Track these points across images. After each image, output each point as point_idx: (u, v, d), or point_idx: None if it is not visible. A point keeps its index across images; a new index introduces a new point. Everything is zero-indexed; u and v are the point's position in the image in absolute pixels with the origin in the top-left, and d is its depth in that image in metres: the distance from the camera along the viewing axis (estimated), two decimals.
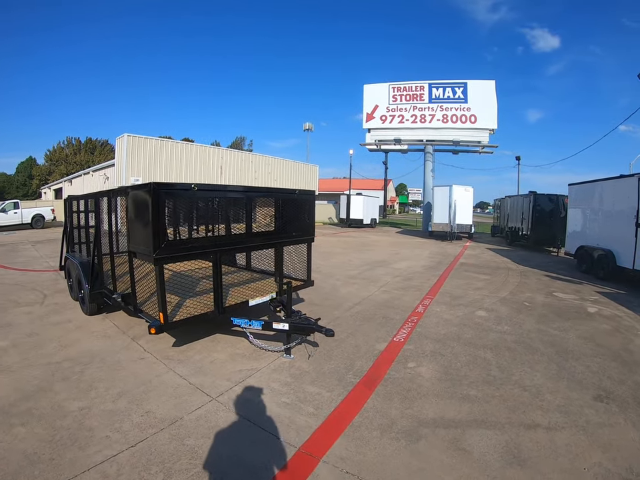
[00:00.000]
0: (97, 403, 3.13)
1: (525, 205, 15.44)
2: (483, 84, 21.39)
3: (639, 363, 4.06)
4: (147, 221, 3.46)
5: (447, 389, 3.52)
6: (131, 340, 4.53)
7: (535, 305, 6.49)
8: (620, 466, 2.47)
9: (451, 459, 2.55)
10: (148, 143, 17.91)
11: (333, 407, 3.18)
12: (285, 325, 4.02)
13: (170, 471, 2.36)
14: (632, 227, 7.66)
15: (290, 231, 4.90)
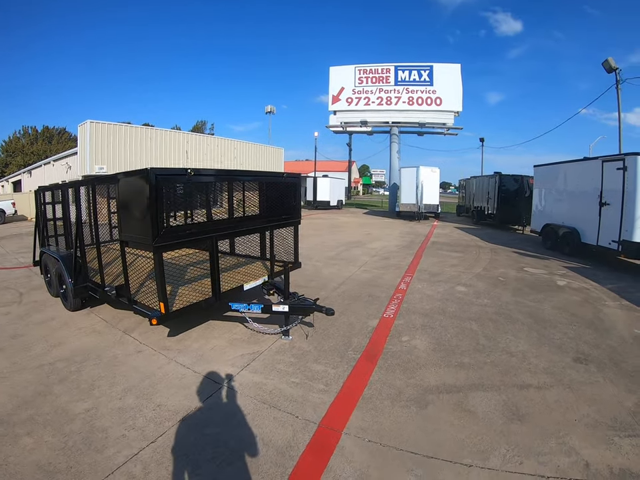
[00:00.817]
0: (104, 401, 3.02)
1: (491, 185, 16.34)
2: (448, 67, 21.94)
3: (610, 330, 4.54)
4: (143, 208, 3.37)
5: (443, 359, 3.79)
6: (123, 333, 4.40)
7: (508, 279, 7.01)
8: (605, 416, 2.82)
9: (460, 420, 2.79)
10: (112, 130, 16.99)
11: (341, 382, 3.31)
12: (285, 306, 4.07)
13: (197, 462, 2.36)
14: (596, 206, 8.41)
15: (280, 214, 4.94)
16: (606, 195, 8.17)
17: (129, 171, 3.74)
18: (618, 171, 7.73)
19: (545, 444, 2.53)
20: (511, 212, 15.19)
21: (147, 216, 3.31)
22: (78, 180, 5.03)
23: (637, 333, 4.38)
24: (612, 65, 15.55)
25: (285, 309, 4.07)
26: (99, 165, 16.40)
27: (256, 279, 4.66)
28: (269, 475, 2.24)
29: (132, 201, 3.61)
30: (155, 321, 3.48)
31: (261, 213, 4.64)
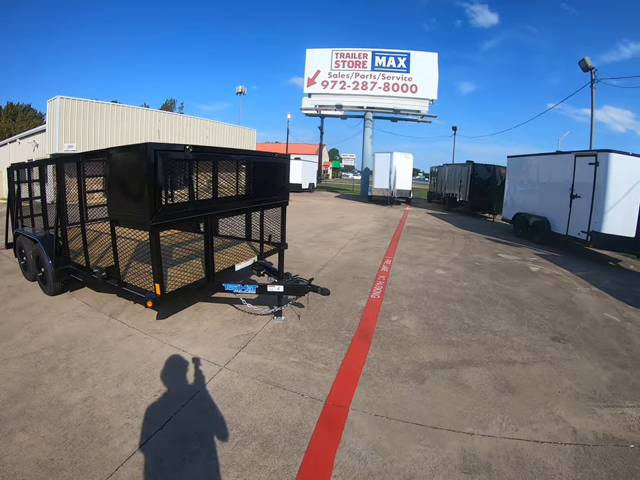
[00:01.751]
0: (100, 390, 2.88)
1: (464, 173, 16.97)
2: (426, 55, 22.27)
3: (582, 313, 4.95)
4: (140, 185, 3.24)
5: (432, 337, 3.98)
6: (109, 317, 4.24)
7: (484, 264, 7.40)
8: (586, 389, 3.11)
9: (456, 393, 2.97)
10: (82, 106, 15.95)
11: (340, 360, 3.40)
12: (280, 286, 4.07)
13: (211, 445, 2.34)
14: (567, 198, 8.99)
15: (270, 194, 4.90)
16: (577, 188, 8.76)
17: (123, 145, 3.58)
18: (590, 165, 8.29)
19: (536, 413, 2.76)
20: (482, 200, 15.94)
21: (144, 193, 3.20)
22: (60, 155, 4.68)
23: (607, 317, 4.82)
24: (588, 65, 16.33)
25: (280, 289, 4.07)
26: (68, 143, 15.56)
27: (246, 260, 4.62)
28: (285, 454, 2.27)
29: (126, 177, 3.47)
30: (150, 303, 3.38)
31: (253, 193, 4.58)
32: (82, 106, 16.14)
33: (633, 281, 6.94)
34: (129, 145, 3.46)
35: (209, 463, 2.20)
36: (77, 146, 15.76)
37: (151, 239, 3.33)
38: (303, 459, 2.23)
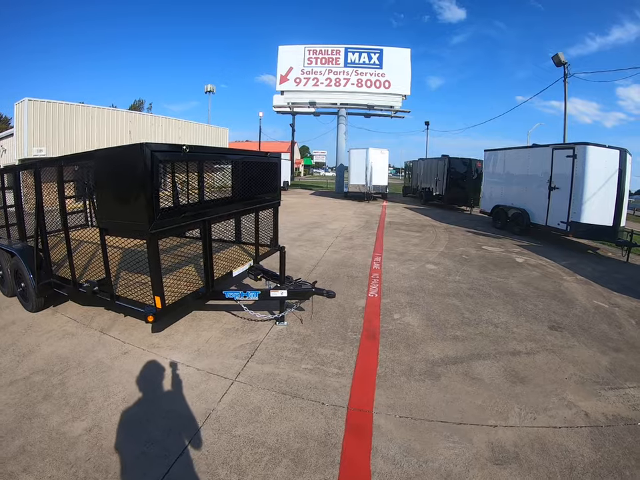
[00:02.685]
0: (104, 417, 2.71)
1: (440, 167, 17.49)
2: (398, 51, 22.75)
3: (573, 301, 5.27)
4: (135, 189, 3.08)
5: (437, 333, 4.12)
6: (100, 333, 4.05)
7: (471, 257, 7.70)
8: (589, 374, 3.34)
9: (472, 387, 3.10)
10: (52, 108, 15.34)
11: (353, 363, 3.44)
12: (284, 291, 4.03)
13: (241, 468, 2.26)
14: (545, 190, 9.50)
15: (264, 194, 4.86)
16: (555, 180, 9.27)
17: (114, 146, 3.44)
18: (567, 158, 8.81)
19: (549, 400, 2.94)
20: (458, 193, 16.51)
21: (141, 198, 3.04)
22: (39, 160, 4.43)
23: (596, 304, 5.16)
24: (561, 60, 17.30)
25: (284, 294, 4.03)
26: (37, 147, 14.97)
27: (243, 264, 4.53)
28: (320, 468, 2.25)
29: (118, 181, 3.28)
30: (151, 318, 3.24)
31: (249, 194, 4.52)
32: (51, 108, 15.66)
33: (613, 267, 7.46)
34: (120, 145, 3.30)
35: None
36: (46, 150, 15.27)
37: (149, 247, 3.18)
38: (339, 471, 2.22)
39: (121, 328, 4.16)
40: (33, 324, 4.33)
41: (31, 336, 4.03)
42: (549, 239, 10.09)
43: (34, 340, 3.93)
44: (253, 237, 5.13)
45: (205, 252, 3.83)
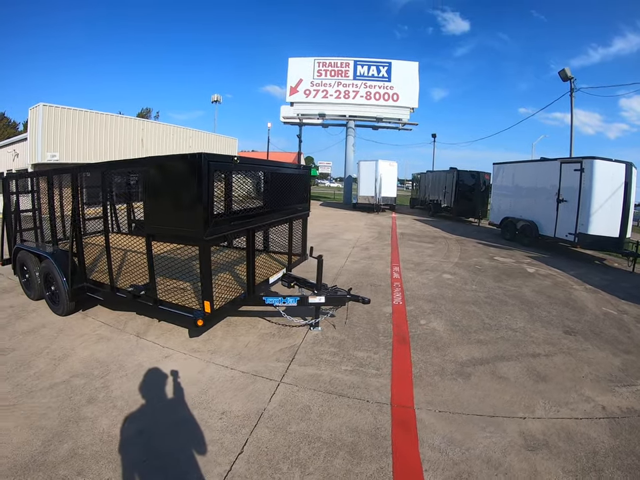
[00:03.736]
0: (156, 420, 2.77)
1: (448, 180, 17.92)
2: (406, 64, 23.29)
3: (583, 308, 5.62)
4: (192, 197, 3.22)
5: (462, 337, 4.45)
6: (137, 337, 4.18)
7: (484, 267, 8.04)
8: (603, 373, 3.68)
9: (499, 385, 3.43)
10: (66, 114, 15.70)
11: (389, 365, 3.76)
12: (321, 297, 4.30)
13: (301, 461, 2.41)
14: (553, 202, 9.89)
15: (296, 204, 5.12)
16: (563, 193, 9.65)
17: (167, 155, 3.61)
18: (575, 172, 9.21)
19: (569, 396, 3.27)
20: (467, 205, 16.90)
21: (197, 206, 3.17)
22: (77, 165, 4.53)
23: (606, 311, 5.50)
24: (568, 75, 17.74)
25: (322, 300, 4.30)
26: (50, 152, 15.23)
27: (277, 272, 4.80)
28: (375, 458, 2.47)
29: (173, 189, 3.40)
30: (201, 322, 3.37)
31: (285, 204, 4.75)
32: (65, 114, 15.92)
33: (619, 277, 7.80)
34: (175, 154, 3.44)
35: (306, 478, 2.29)
36: (59, 155, 15.57)
37: (202, 254, 3.31)
38: (392, 460, 2.46)
39: (157, 333, 4.30)
40: (64, 327, 4.42)
41: (64, 339, 4.10)
42: (557, 250, 10.43)
43: (68, 343, 4.00)
44: (281, 245, 5.35)
45: (248, 259, 3.99)
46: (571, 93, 17.76)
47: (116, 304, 4.87)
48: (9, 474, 2.26)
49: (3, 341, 4.05)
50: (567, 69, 17.69)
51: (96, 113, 17.35)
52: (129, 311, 4.77)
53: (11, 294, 5.62)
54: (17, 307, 5.06)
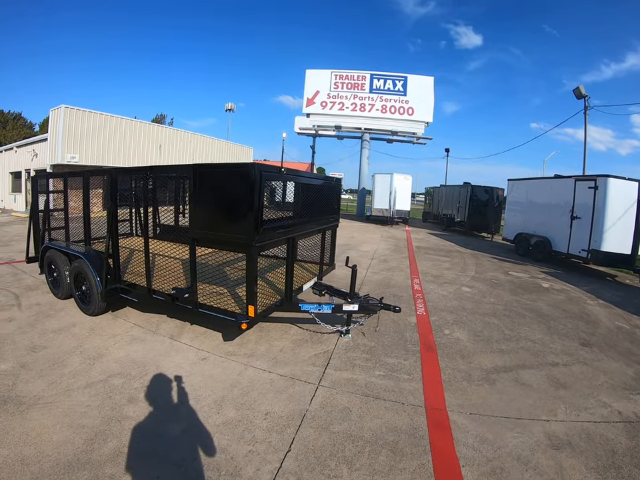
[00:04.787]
0: (200, 419, 2.87)
1: (462, 194, 18.21)
2: (422, 79, 23.61)
3: (598, 322, 5.87)
4: (242, 204, 3.33)
5: (485, 347, 4.73)
6: (171, 340, 4.29)
7: (500, 281, 8.29)
8: (618, 381, 3.95)
9: (523, 390, 3.71)
10: (87, 117, 16.15)
11: (419, 371, 4.03)
12: (355, 305, 4.54)
13: (347, 458, 2.57)
14: (567, 219, 10.14)
15: (329, 215, 5.40)
16: (577, 210, 9.90)
17: (220, 163, 3.86)
18: (589, 189, 9.46)
19: (587, 401, 3.54)
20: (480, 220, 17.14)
21: (248, 213, 3.28)
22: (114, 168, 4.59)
23: (619, 325, 5.75)
24: (582, 93, 17.96)
25: (355, 308, 4.53)
26: (70, 154, 15.61)
27: (309, 280, 5.05)
28: (415, 455, 2.68)
29: (223, 195, 3.50)
30: (245, 326, 3.47)
31: (320, 214, 4.99)
32: (86, 117, 16.27)
33: (630, 293, 7.99)
34: (227, 163, 3.64)
35: (354, 474, 2.44)
36: (79, 157, 15.92)
37: (249, 260, 3.39)
38: (432, 457, 2.66)
39: (191, 336, 4.42)
40: (95, 327, 4.50)
41: (96, 339, 4.16)
42: (569, 266, 10.64)
43: (101, 343, 4.07)
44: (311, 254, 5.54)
45: (288, 267, 4.17)
46: (585, 111, 17.92)
47: (146, 306, 4.98)
48: (51, 472, 2.29)
49: (35, 338, 4.16)
50: (581, 87, 17.88)
51: (116, 117, 17.78)
52: (159, 313, 4.91)
53: (36, 292, 5.77)
54: (44, 305, 5.18)
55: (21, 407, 2.93)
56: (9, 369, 3.50)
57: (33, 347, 3.92)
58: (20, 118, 44.16)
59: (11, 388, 3.19)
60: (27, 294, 5.67)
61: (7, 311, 4.93)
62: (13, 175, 21.88)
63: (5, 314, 4.83)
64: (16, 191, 21.52)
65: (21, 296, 5.57)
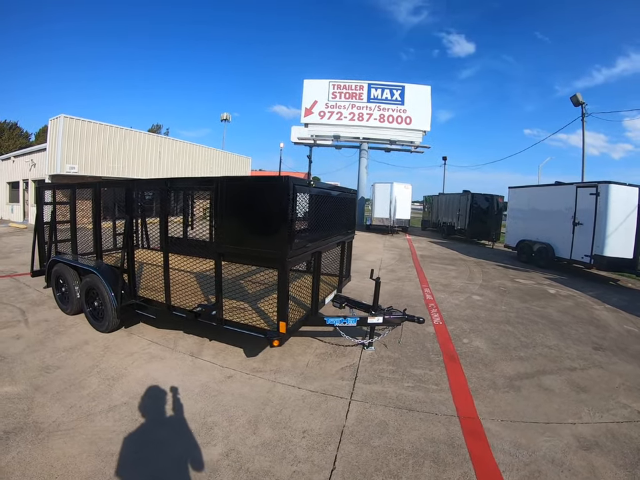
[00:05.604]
0: (237, 440, 2.84)
1: (462, 202, 18.64)
2: (419, 88, 24.07)
3: (606, 326, 6.17)
4: (278, 219, 3.33)
5: (505, 354, 4.96)
6: (192, 357, 4.25)
7: (509, 289, 8.58)
8: (634, 383, 4.21)
9: (547, 396, 3.94)
10: (86, 127, 16.22)
11: (446, 380, 4.20)
12: (379, 317, 4.70)
13: (392, 472, 2.63)
14: (569, 225, 10.52)
15: (347, 227, 5.57)
16: (579, 216, 10.28)
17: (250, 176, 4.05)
18: (591, 195, 9.86)
19: (608, 403, 3.79)
20: (480, 228, 17.55)
21: (283, 227, 3.28)
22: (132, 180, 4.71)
23: (628, 328, 6.06)
24: (579, 100, 18.54)
25: (380, 320, 4.70)
26: (69, 164, 15.67)
27: (330, 293, 5.17)
28: (457, 464, 2.78)
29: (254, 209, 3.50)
30: (277, 342, 3.46)
31: (341, 227, 5.14)
32: (85, 126, 16.29)
33: (635, 297, 8.37)
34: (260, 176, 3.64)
35: None
36: (78, 168, 15.93)
37: (282, 274, 3.38)
38: (472, 465, 2.78)
39: (212, 352, 4.37)
40: (109, 345, 4.37)
41: (112, 358, 4.05)
42: (572, 271, 11.03)
43: (117, 362, 3.96)
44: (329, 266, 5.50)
45: (314, 281, 4.24)
46: (582, 118, 18.44)
47: (161, 322, 4.95)
48: None
49: (46, 357, 4.00)
50: (579, 95, 18.45)
51: (115, 127, 17.88)
52: (175, 329, 4.88)
53: (42, 307, 5.64)
54: (53, 321, 5.04)
55: (41, 435, 2.77)
56: (22, 392, 3.33)
57: (46, 367, 3.78)
58: (16, 128, 44.18)
59: (26, 413, 3.03)
60: (33, 309, 5.53)
61: (14, 328, 4.79)
62: (11, 185, 21.94)
63: (12, 331, 4.69)
64: (13, 201, 21.59)
65: (27, 311, 5.44)
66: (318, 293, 4.32)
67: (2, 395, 3.25)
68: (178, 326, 4.97)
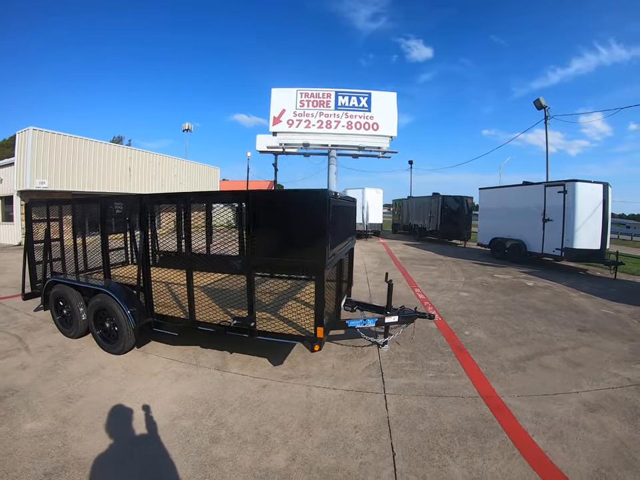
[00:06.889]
0: (297, 445, 2.98)
1: (433, 205, 19.79)
2: (385, 95, 24.99)
3: (586, 311, 7.08)
4: (316, 230, 3.54)
5: (504, 342, 5.59)
6: (219, 371, 4.31)
7: (490, 284, 9.42)
8: (619, 356, 4.98)
9: (549, 373, 4.57)
10: (56, 140, 15.65)
11: (461, 368, 4.70)
12: (395, 317, 5.13)
13: (444, 449, 2.99)
14: (540, 222, 11.64)
15: (352, 235, 6.02)
16: (548, 213, 11.42)
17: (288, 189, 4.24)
18: (559, 193, 11.01)
19: (601, 374, 4.49)
20: (452, 229, 18.73)
21: (321, 238, 3.50)
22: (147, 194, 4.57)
23: (604, 312, 7.00)
24: (542, 104, 20.16)
25: (395, 320, 5.12)
26: (39, 179, 15.12)
27: (343, 298, 5.55)
28: (493, 435, 3.22)
29: (292, 222, 3.65)
30: (317, 347, 3.68)
31: (349, 234, 5.52)
32: (55, 139, 15.84)
33: (605, 284, 9.58)
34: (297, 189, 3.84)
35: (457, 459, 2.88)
36: (48, 182, 15.48)
37: (320, 282, 3.61)
38: (506, 434, 3.25)
39: (238, 364, 4.47)
40: (128, 367, 4.31)
41: (136, 381, 3.98)
42: (544, 264, 12.21)
43: (144, 384, 3.90)
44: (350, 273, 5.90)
45: (338, 288, 4.64)
46: (545, 121, 20.20)
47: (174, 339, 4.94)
48: None
49: (63, 387, 3.82)
50: (542, 99, 20.21)
51: (86, 140, 17.49)
52: (191, 345, 4.93)
53: (39, 332, 5.44)
54: (57, 347, 4.89)
55: (89, 472, 2.62)
56: (50, 427, 3.13)
57: (67, 397, 3.62)
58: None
59: (62, 450, 2.84)
60: (30, 335, 5.30)
61: (15, 357, 4.56)
62: None
63: (14, 360, 4.46)
64: None
65: (24, 338, 5.19)
66: (341, 299, 4.74)
67: (28, 433, 3.04)
68: (191, 342, 5.02)
